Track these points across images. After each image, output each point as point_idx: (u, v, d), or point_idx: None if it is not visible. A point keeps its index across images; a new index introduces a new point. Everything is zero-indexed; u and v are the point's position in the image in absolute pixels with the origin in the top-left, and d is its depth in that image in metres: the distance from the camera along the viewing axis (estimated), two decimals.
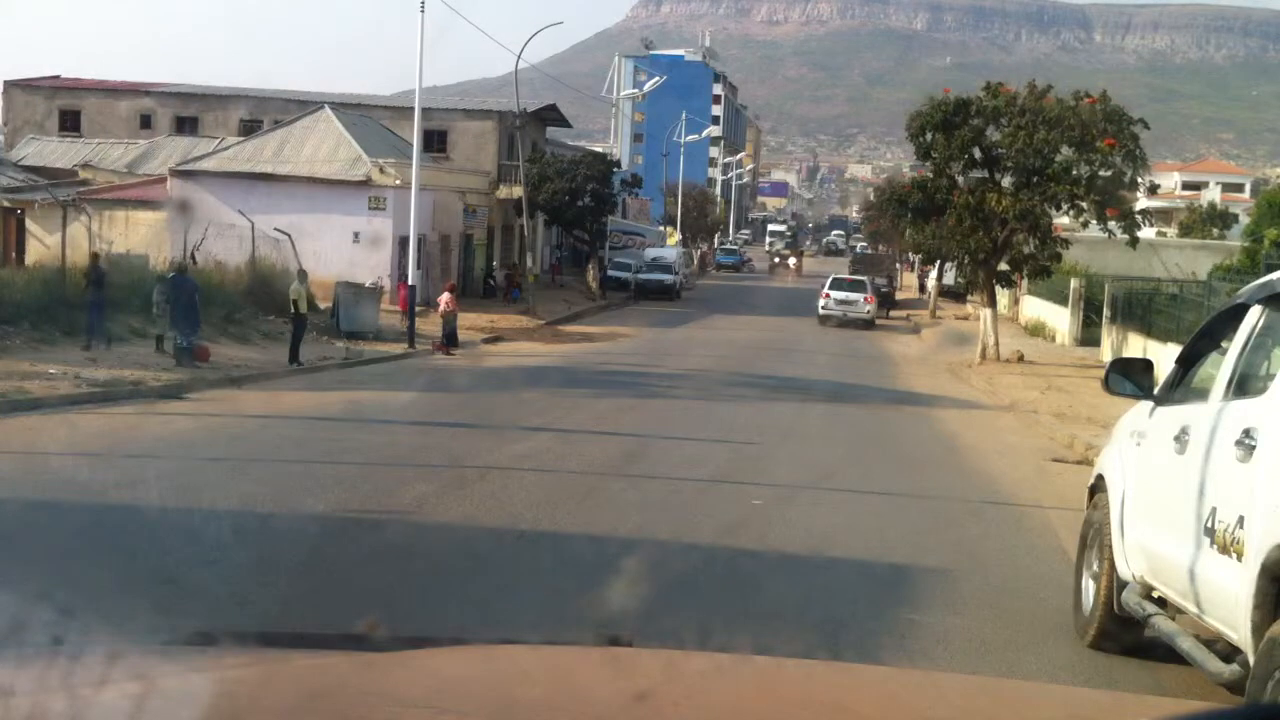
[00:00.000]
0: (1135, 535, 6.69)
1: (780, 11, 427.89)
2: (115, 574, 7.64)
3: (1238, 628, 5.15)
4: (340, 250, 32.81)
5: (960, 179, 30.11)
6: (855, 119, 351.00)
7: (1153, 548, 6.40)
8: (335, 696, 1.91)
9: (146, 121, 50.62)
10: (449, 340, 27.64)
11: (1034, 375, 26.53)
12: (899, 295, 56.35)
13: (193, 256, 27.70)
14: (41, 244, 32.87)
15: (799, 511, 11.33)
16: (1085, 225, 33.19)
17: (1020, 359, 29.77)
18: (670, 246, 61.61)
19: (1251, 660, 4.95)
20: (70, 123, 50.53)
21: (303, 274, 24.51)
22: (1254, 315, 6.05)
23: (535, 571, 8.60)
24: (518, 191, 42.93)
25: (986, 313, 31.08)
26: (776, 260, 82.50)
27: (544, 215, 47.27)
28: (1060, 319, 36.86)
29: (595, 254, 50.60)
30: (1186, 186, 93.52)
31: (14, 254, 34.68)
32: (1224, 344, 6.43)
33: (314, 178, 35.04)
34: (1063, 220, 33.48)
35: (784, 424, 18.63)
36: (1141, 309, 28.34)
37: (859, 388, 24.50)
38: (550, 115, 54.11)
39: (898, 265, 67.87)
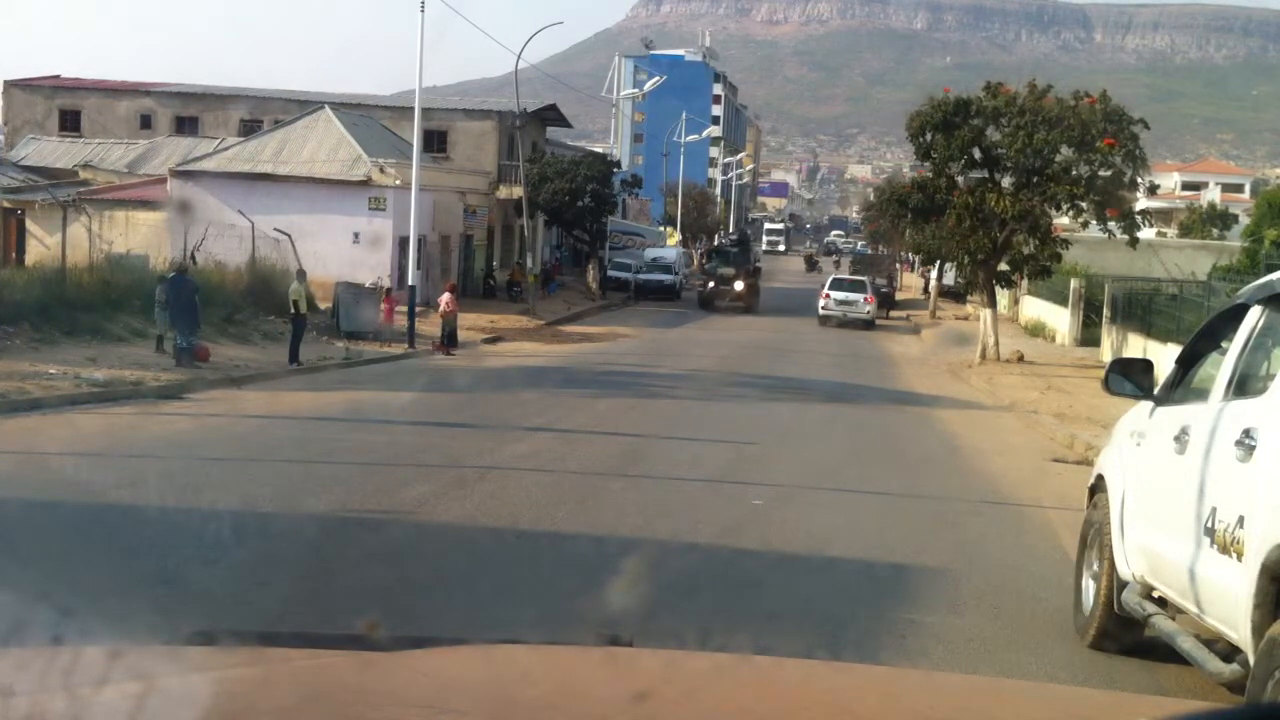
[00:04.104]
0: (1135, 535, 6.69)
1: (780, 11, 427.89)
2: (115, 574, 7.64)
3: (1238, 628, 5.15)
4: (340, 250, 32.81)
5: (960, 179, 30.12)
6: (855, 119, 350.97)
7: (1153, 547, 6.40)
8: (335, 696, 1.91)
9: (146, 121, 50.64)
10: (449, 340, 27.66)
11: (1034, 375, 26.53)
12: (899, 295, 56.36)
13: (193, 257, 27.70)
14: (41, 244, 32.90)
15: (799, 512, 11.33)
16: (1085, 225, 33.20)
17: (1020, 359, 29.77)
18: (670, 246, 61.63)
19: (1251, 660, 4.95)
20: (70, 123, 50.55)
21: (302, 274, 24.51)
22: (1254, 315, 6.05)
23: (535, 571, 8.59)
24: (518, 191, 42.94)
25: (986, 313, 31.08)
26: (712, 285, 47.87)
27: (544, 215, 47.28)
28: (1060, 319, 36.87)
29: (595, 254, 50.61)
30: (1186, 187, 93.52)
31: (14, 254, 34.69)
32: (1224, 344, 6.43)
33: (314, 178, 35.05)
34: (1063, 220, 33.50)
35: (784, 424, 18.64)
36: (1141, 309, 28.34)
37: (859, 388, 24.50)
38: (550, 115, 54.12)
39: (897, 265, 67.84)
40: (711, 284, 47.87)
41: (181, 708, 1.72)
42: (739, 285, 46.84)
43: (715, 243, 69.70)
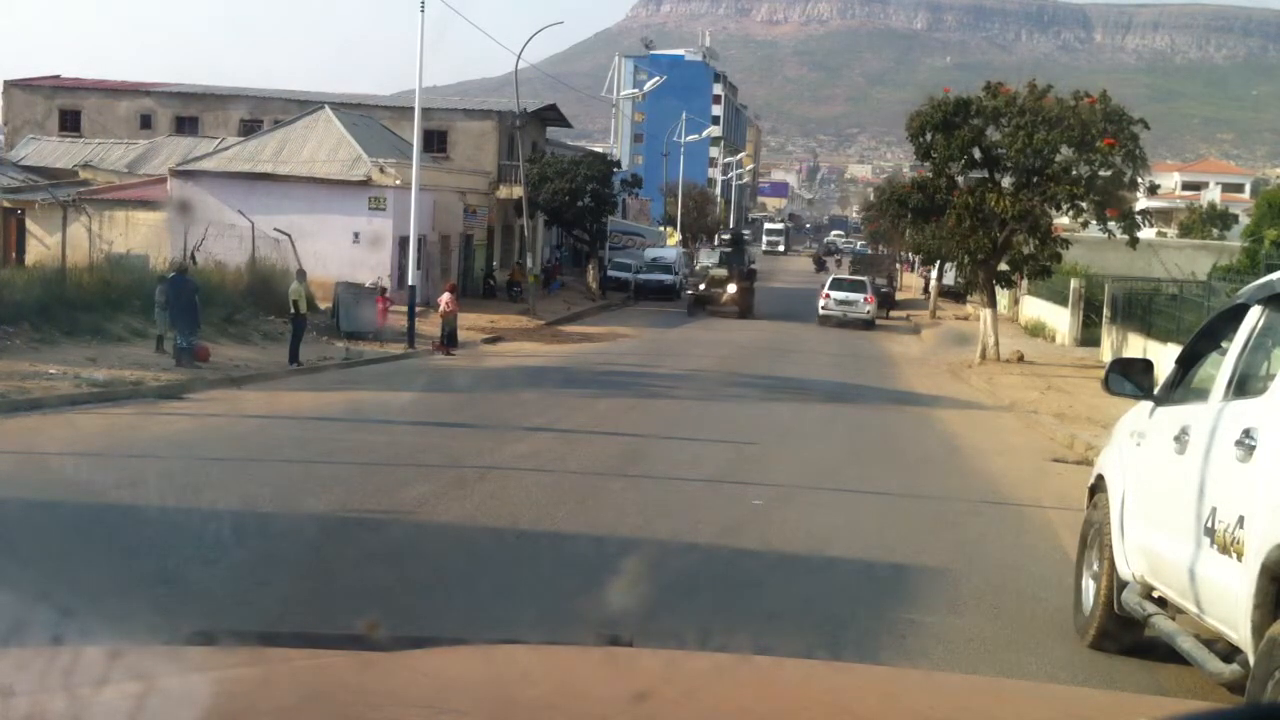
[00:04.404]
0: (1135, 535, 6.69)
1: (780, 11, 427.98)
2: (115, 574, 7.64)
3: (1238, 628, 5.15)
4: (340, 250, 32.82)
5: (960, 179, 30.12)
6: (855, 119, 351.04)
7: (1153, 547, 6.40)
8: (335, 696, 1.91)
9: (146, 121, 50.65)
10: (449, 340, 27.65)
11: (1034, 375, 26.54)
12: (899, 295, 56.35)
13: (193, 257, 27.70)
14: (41, 244, 32.91)
15: (799, 512, 11.33)
16: (1085, 225, 33.20)
17: (1020, 359, 29.78)
18: (670, 246, 61.61)
19: (1251, 660, 4.95)
20: (70, 123, 50.56)
21: (302, 274, 24.51)
22: (1254, 315, 6.05)
23: (535, 571, 8.59)
24: (518, 191, 42.95)
25: (986, 313, 31.09)
26: (702, 289, 45.29)
27: (544, 215, 47.29)
28: (1060, 319, 36.87)
29: (595, 254, 50.62)
30: (1186, 186, 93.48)
31: (14, 254, 34.69)
32: (1224, 344, 6.43)
33: (314, 178, 35.06)
34: (1063, 220, 33.49)
35: (784, 424, 18.64)
36: (1141, 309, 28.35)
37: (859, 388, 24.51)
38: (550, 115, 54.13)
39: (897, 265, 67.83)
40: (702, 286, 45.35)
41: (181, 708, 1.72)
42: (731, 288, 44.38)
43: (715, 243, 68.60)
